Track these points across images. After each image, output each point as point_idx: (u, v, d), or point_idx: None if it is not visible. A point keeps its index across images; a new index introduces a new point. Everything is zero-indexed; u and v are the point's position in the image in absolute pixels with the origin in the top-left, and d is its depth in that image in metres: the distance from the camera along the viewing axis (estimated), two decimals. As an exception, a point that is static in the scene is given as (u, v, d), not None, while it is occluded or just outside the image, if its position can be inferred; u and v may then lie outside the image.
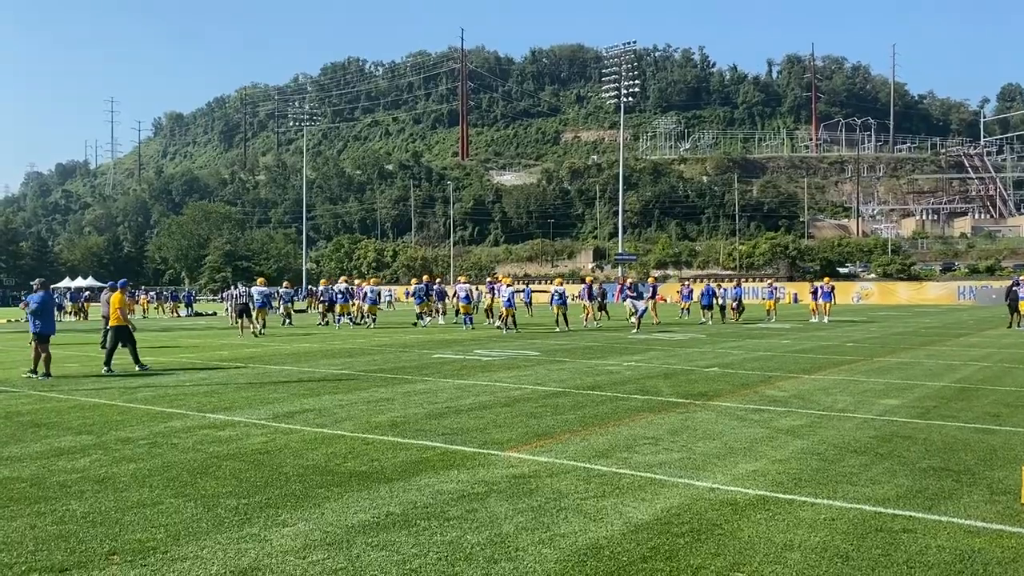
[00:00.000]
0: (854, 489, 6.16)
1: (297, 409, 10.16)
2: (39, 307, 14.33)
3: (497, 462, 7.09)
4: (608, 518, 5.42)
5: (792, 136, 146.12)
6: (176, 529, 5.21)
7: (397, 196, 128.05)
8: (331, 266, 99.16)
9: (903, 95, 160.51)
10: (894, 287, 66.30)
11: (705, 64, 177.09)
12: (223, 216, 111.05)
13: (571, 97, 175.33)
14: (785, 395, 11.31)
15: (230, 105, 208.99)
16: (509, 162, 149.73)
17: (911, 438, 8.15)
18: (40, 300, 14.42)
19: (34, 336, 14.24)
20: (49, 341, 14.24)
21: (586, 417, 9.44)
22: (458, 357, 17.42)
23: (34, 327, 14.30)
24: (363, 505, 5.75)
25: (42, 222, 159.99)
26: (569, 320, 27.64)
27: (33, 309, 14.43)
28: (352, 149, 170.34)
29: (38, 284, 14.87)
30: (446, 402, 10.68)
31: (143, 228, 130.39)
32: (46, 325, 14.29)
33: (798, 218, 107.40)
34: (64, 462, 7.18)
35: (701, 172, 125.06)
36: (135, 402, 10.92)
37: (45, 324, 14.29)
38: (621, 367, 15.16)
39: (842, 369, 14.72)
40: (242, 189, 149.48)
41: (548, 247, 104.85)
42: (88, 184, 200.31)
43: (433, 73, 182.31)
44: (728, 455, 7.35)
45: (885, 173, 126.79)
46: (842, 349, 19.33)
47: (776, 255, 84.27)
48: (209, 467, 6.96)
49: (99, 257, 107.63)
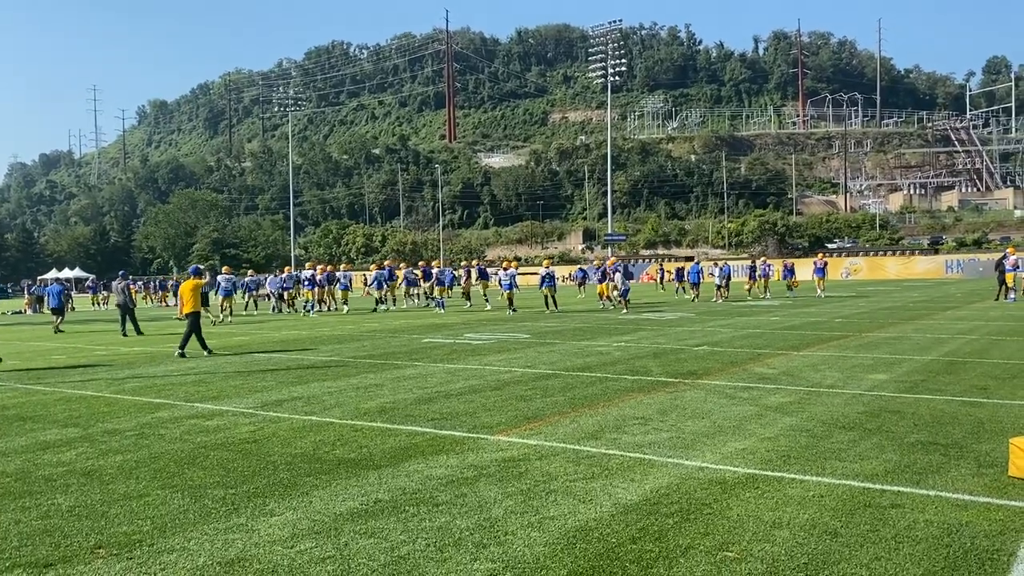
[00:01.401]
0: (842, 465, 6.17)
1: (285, 397, 10.12)
2: None
3: (487, 446, 7.07)
4: (597, 500, 5.41)
5: (779, 113, 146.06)
6: (162, 521, 5.17)
7: (385, 180, 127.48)
8: (319, 252, 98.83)
9: (889, 70, 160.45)
10: (883, 262, 66.56)
11: (691, 42, 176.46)
12: (210, 204, 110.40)
13: (558, 77, 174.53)
14: (774, 372, 11.33)
15: (214, 91, 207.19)
16: (497, 144, 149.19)
17: (899, 413, 8.17)
18: None
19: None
20: None
21: (576, 399, 9.43)
22: (448, 341, 17.38)
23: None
24: (351, 493, 5.72)
25: (27, 213, 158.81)
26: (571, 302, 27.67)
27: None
28: (338, 134, 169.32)
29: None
30: (436, 387, 10.66)
31: (129, 217, 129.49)
32: None
33: (786, 195, 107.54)
34: (50, 455, 7.13)
35: (689, 151, 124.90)
36: (122, 393, 10.85)
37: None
38: (611, 348, 15.16)
39: (831, 345, 14.76)
40: (228, 176, 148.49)
41: (538, 229, 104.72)
42: (73, 174, 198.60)
43: (418, 55, 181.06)
44: (717, 434, 7.35)
45: (872, 148, 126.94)
46: (831, 325, 19.39)
47: (765, 232, 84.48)
48: (196, 457, 6.91)
49: (86, 248, 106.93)
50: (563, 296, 33.19)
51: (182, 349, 15.58)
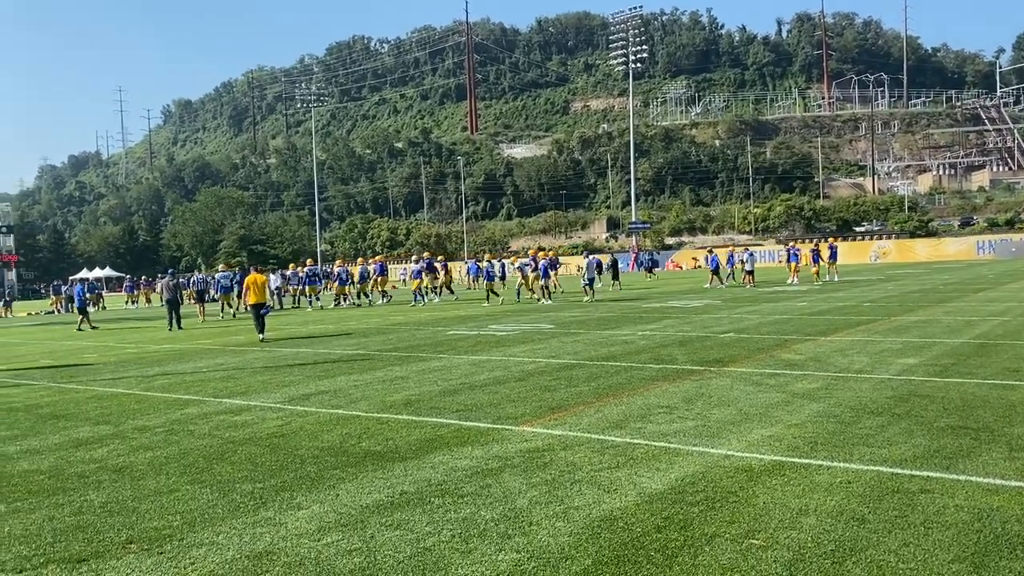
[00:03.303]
0: (870, 451, 6.11)
1: (312, 391, 10.20)
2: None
3: (511, 437, 7.08)
4: (622, 489, 5.40)
5: (804, 96, 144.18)
6: (192, 516, 5.25)
7: (408, 174, 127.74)
8: (345, 246, 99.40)
9: (916, 49, 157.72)
10: (912, 244, 65.67)
11: (713, 26, 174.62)
12: (236, 201, 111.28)
13: (579, 66, 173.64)
14: (801, 358, 11.23)
15: (238, 89, 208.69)
16: (519, 134, 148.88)
17: (929, 397, 8.07)
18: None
19: None
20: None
21: (600, 388, 9.41)
22: (472, 333, 17.42)
23: None
24: (377, 485, 5.76)
25: (58, 214, 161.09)
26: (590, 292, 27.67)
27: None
28: (361, 128, 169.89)
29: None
30: (460, 378, 10.69)
31: (157, 216, 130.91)
32: None
33: (813, 178, 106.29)
34: (82, 453, 7.25)
35: (713, 136, 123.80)
36: (152, 390, 11.00)
37: None
38: (635, 337, 15.11)
39: (859, 330, 14.60)
40: (253, 173, 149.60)
41: (561, 219, 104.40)
42: (101, 175, 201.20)
43: (439, 48, 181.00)
44: (743, 421, 7.31)
45: (900, 129, 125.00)
46: (859, 310, 19.17)
47: (791, 217, 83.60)
48: (225, 452, 6.99)
49: (115, 247, 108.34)
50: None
51: (262, 334, 18.11)
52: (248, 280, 19.12)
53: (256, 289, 18.63)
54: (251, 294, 18.61)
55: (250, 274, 19.52)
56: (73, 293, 48.11)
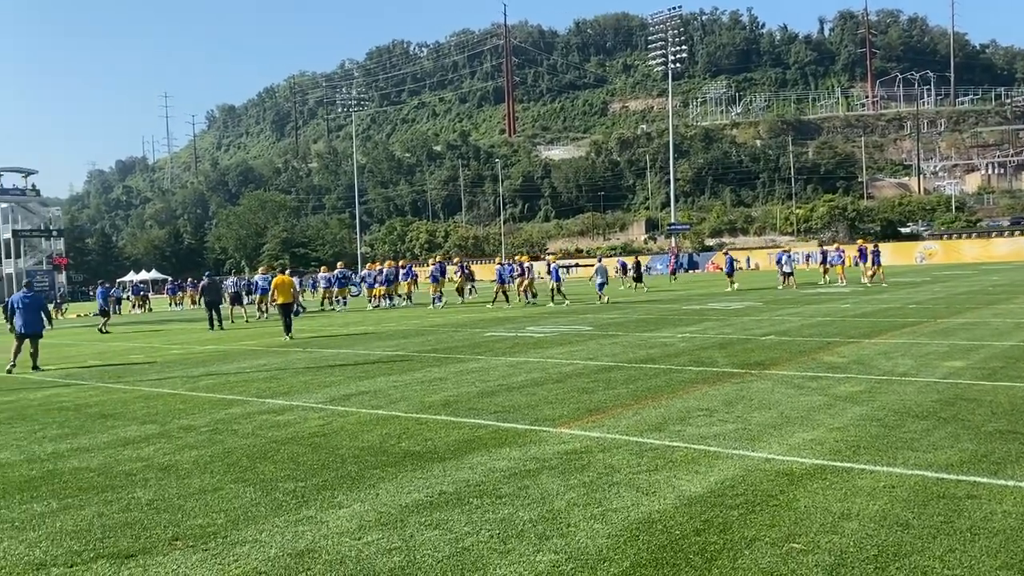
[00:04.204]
0: (915, 455, 6.00)
1: (353, 392, 10.31)
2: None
3: (549, 439, 7.09)
4: (661, 492, 5.38)
5: (847, 95, 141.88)
6: (236, 514, 5.34)
7: (446, 176, 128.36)
8: (384, 249, 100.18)
9: (963, 46, 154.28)
10: (959, 245, 64.28)
11: (754, 25, 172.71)
12: (278, 204, 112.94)
13: (617, 67, 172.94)
14: (844, 361, 11.07)
15: (280, 94, 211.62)
16: (557, 136, 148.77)
17: (976, 401, 7.90)
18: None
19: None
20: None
21: (639, 391, 9.37)
22: (510, 335, 17.45)
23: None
24: (417, 485, 5.81)
25: (105, 218, 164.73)
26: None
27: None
28: (400, 132, 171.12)
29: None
30: (498, 380, 10.72)
31: (202, 220, 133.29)
32: None
33: (856, 179, 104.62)
34: (130, 451, 7.42)
35: (754, 136, 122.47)
36: (197, 390, 11.21)
37: None
38: (675, 339, 15.01)
39: (904, 332, 14.34)
40: (295, 177, 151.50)
41: (599, 220, 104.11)
42: (147, 179, 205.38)
43: (477, 51, 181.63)
44: (784, 424, 7.23)
45: (947, 128, 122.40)
46: (904, 312, 18.83)
47: (834, 218, 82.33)
48: (268, 452, 7.11)
49: (161, 250, 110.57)
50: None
51: (287, 333, 19.24)
52: (276, 282, 20.38)
53: (283, 290, 19.80)
54: (279, 295, 19.76)
55: (277, 276, 21.07)
56: (120, 295, 49.26)
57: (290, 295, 20.22)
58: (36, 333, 15.21)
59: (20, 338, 15.12)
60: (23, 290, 15.86)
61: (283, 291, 19.85)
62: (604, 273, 29.19)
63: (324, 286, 34.76)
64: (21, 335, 15.11)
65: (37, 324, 15.22)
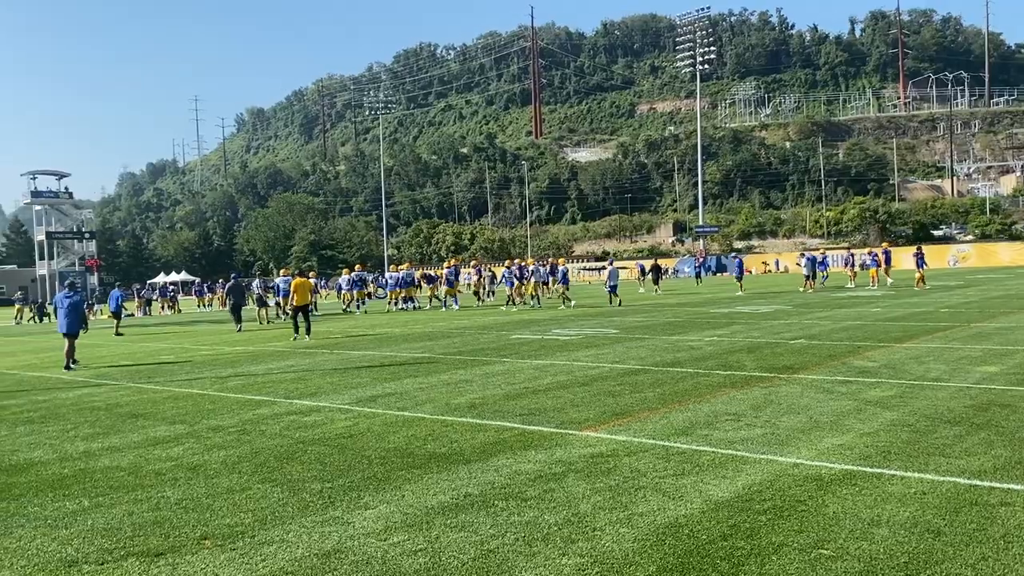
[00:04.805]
0: (947, 461, 5.91)
1: (379, 393, 10.35)
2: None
3: (575, 442, 7.07)
4: (687, 496, 5.34)
5: (879, 96, 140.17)
6: (263, 514, 5.38)
7: (472, 179, 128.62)
8: (411, 251, 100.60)
9: (998, 46, 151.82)
10: (994, 248, 63.22)
11: (784, 26, 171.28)
12: (307, 207, 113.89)
13: (645, 68, 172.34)
14: (874, 365, 10.92)
15: (308, 98, 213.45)
16: (583, 138, 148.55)
17: (1011, 407, 7.76)
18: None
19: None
20: None
21: (665, 394, 9.32)
22: (536, 337, 17.44)
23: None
24: (442, 487, 5.82)
25: (136, 220, 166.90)
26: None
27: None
28: (427, 135, 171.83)
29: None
30: (524, 383, 10.71)
31: (231, 222, 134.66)
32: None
33: (887, 181, 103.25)
34: (159, 451, 7.51)
35: (784, 138, 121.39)
36: (226, 391, 11.32)
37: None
38: (702, 342, 14.91)
39: (936, 336, 14.13)
40: (323, 180, 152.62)
41: (626, 223, 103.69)
42: (177, 182, 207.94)
43: (504, 53, 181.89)
44: (813, 429, 7.15)
45: (981, 129, 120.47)
46: (936, 316, 18.55)
47: (865, 220, 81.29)
48: (295, 452, 7.16)
49: (191, 252, 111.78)
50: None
51: (308, 334, 19.68)
52: (294, 284, 20.78)
53: (301, 293, 20.20)
54: (296, 297, 20.11)
55: (296, 279, 21.74)
56: (151, 297, 49.93)
57: (307, 297, 20.68)
58: (73, 333, 15.61)
59: (67, 337, 15.63)
60: (65, 290, 16.31)
61: (301, 293, 20.26)
62: (615, 276, 29.40)
63: (345, 288, 34.98)
64: (66, 335, 15.59)
65: (75, 325, 15.62)
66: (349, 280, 34.62)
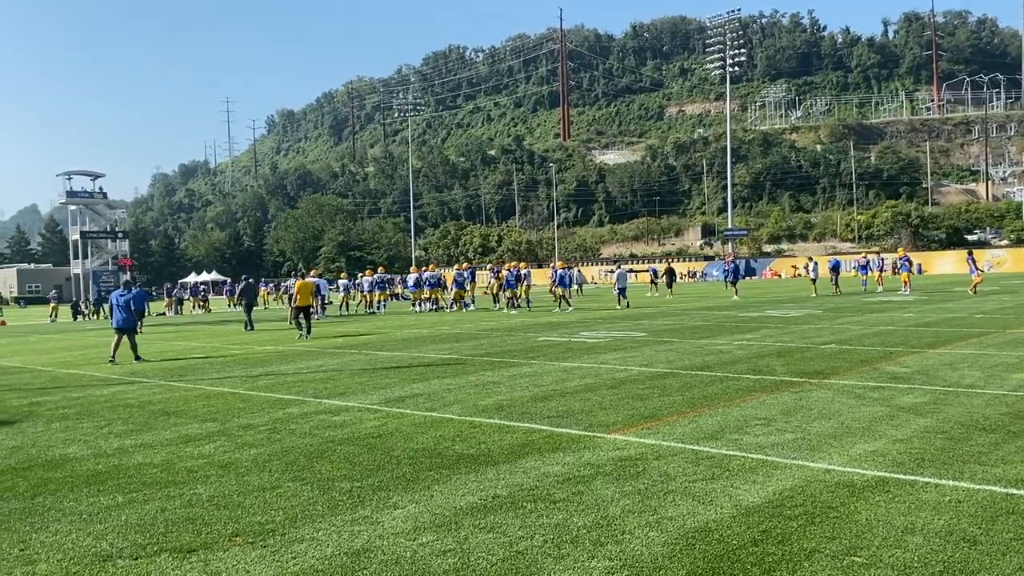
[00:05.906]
0: (983, 469, 5.81)
1: (407, 394, 10.40)
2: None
3: (603, 444, 7.05)
4: (717, 501, 5.30)
5: (912, 98, 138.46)
6: (294, 512, 5.43)
7: (500, 181, 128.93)
8: (438, 253, 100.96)
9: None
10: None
11: (815, 28, 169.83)
12: (335, 208, 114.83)
13: (674, 71, 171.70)
14: (907, 371, 10.78)
15: (338, 100, 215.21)
16: (612, 140, 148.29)
17: (1048, 415, 7.62)
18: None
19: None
20: None
21: (695, 398, 9.26)
22: (563, 339, 17.41)
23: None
24: (471, 488, 5.83)
25: (168, 221, 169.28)
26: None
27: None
28: (455, 137, 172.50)
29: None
30: (552, 385, 10.70)
31: (261, 222, 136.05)
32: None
33: (920, 184, 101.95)
34: (191, 448, 7.60)
35: (814, 140, 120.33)
36: (256, 390, 11.43)
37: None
38: (732, 346, 14.81)
39: (971, 342, 13.91)
40: (352, 181, 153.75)
41: (654, 225, 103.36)
42: (209, 183, 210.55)
43: (532, 56, 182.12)
44: (845, 435, 7.06)
45: (1017, 132, 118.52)
46: (971, 321, 18.26)
47: (897, 224, 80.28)
48: (324, 451, 7.21)
49: (221, 252, 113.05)
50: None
51: (307, 335, 20.22)
52: (298, 285, 21.24)
53: (304, 294, 20.72)
54: (300, 298, 20.65)
55: (299, 280, 22.28)
56: (182, 296, 50.54)
57: (310, 299, 21.16)
58: (129, 329, 16.42)
59: (117, 332, 16.40)
60: (120, 288, 17.21)
61: (304, 294, 20.68)
62: (624, 279, 29.49)
63: (367, 290, 35.15)
64: (117, 329, 16.40)
65: (129, 321, 16.40)
66: (371, 281, 34.81)
